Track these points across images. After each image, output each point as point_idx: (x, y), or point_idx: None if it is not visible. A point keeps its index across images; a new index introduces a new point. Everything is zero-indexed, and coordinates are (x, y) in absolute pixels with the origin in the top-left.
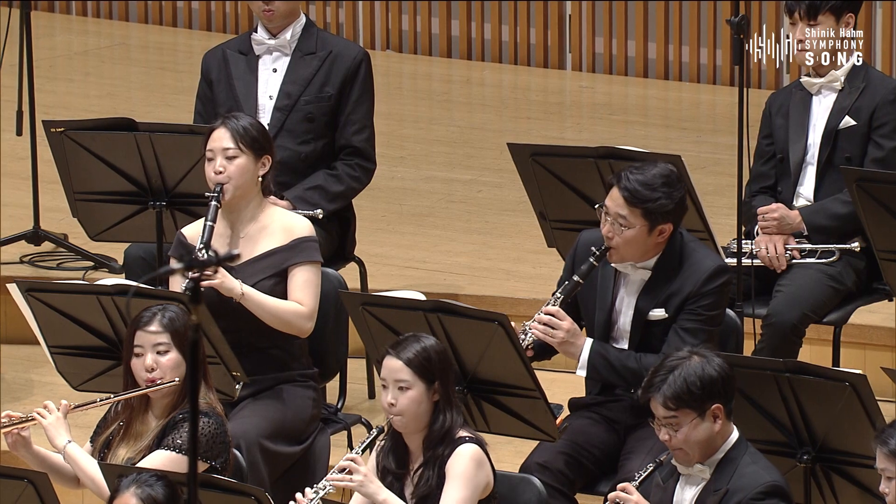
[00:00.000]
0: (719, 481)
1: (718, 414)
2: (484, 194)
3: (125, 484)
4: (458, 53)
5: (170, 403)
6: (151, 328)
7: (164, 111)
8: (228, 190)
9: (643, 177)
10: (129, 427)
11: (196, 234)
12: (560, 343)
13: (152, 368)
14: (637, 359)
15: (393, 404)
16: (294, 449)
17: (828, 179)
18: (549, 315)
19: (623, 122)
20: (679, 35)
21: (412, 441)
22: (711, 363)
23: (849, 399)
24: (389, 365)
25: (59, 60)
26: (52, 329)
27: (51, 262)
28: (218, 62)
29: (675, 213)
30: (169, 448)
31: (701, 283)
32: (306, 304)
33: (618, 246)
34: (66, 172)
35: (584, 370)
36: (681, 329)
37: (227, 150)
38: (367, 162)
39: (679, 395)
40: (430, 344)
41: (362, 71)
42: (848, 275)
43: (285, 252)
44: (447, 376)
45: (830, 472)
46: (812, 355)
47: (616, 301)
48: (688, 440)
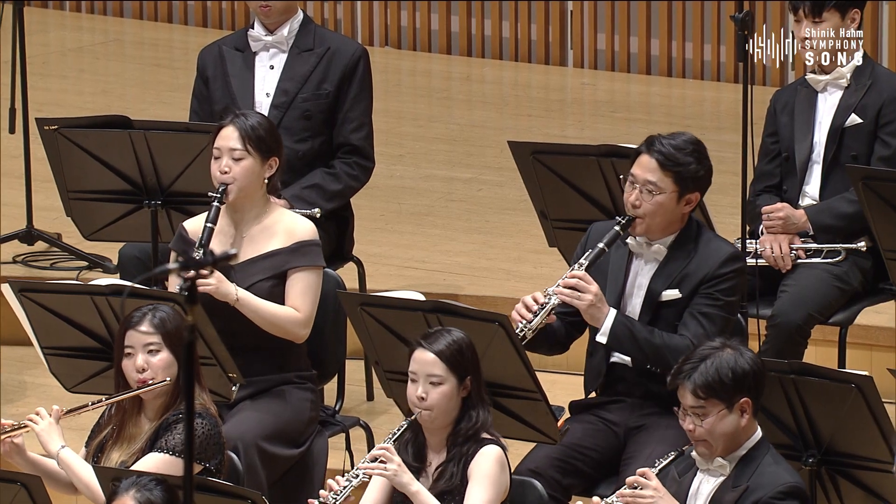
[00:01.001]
0: (739, 478)
1: (746, 409)
2: (484, 193)
3: (124, 487)
4: (457, 50)
5: (162, 405)
6: (142, 328)
7: (159, 109)
8: (232, 191)
9: (675, 142)
10: (121, 430)
11: (198, 229)
12: (588, 307)
13: (143, 369)
14: (660, 335)
15: (423, 398)
16: (292, 452)
17: (833, 178)
18: (576, 279)
19: (625, 120)
20: (682, 31)
21: (434, 436)
22: (744, 356)
23: (855, 401)
24: (421, 357)
25: (53, 57)
26: (45, 330)
27: (44, 261)
28: (214, 59)
29: (704, 181)
30: (162, 450)
31: (718, 265)
32: (302, 311)
33: (645, 214)
34: (60, 171)
35: (606, 337)
36: (698, 313)
37: (234, 150)
38: (366, 160)
39: (710, 384)
40: (460, 337)
41: (361, 68)
42: (854, 275)
43: (286, 254)
44: (478, 372)
45: (836, 475)
46: (817, 356)
47: (627, 283)
48: (713, 432)
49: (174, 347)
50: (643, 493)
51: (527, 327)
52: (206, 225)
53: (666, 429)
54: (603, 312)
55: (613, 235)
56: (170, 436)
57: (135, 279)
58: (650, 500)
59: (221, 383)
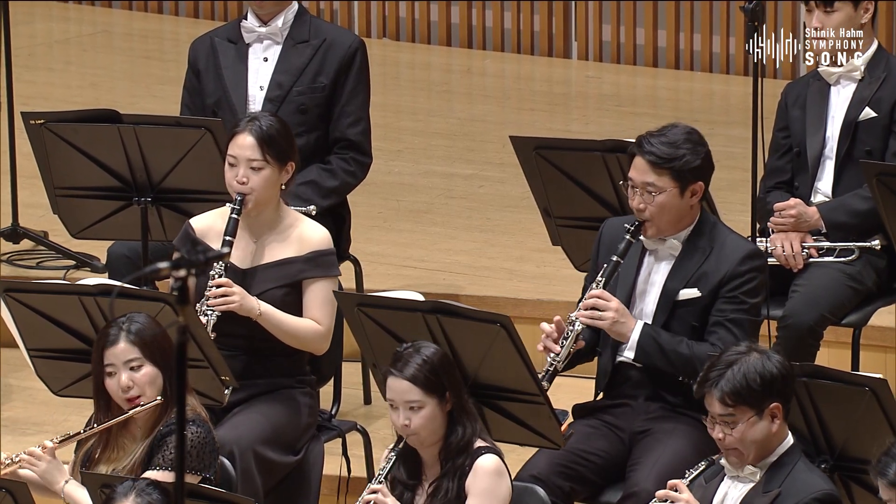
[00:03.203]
0: (770, 483)
1: (777, 414)
2: (485, 190)
3: (121, 491)
4: (458, 42)
5: (152, 417)
6: (120, 345)
7: (149, 102)
8: (251, 201)
9: (665, 138)
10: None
11: (206, 227)
12: (611, 324)
13: (129, 387)
14: (689, 345)
15: (407, 425)
16: (289, 459)
17: (847, 174)
18: (594, 298)
19: (631, 114)
20: (690, 22)
21: (426, 452)
22: (772, 360)
23: (869, 404)
24: (395, 386)
25: (39, 49)
26: (31, 331)
27: (30, 260)
28: (206, 51)
29: (704, 169)
30: (160, 467)
31: (738, 262)
32: (324, 324)
33: (652, 216)
34: (47, 167)
35: (633, 352)
36: (726, 321)
37: (253, 161)
38: (363, 156)
39: (738, 391)
40: (430, 353)
41: (357, 60)
42: (868, 274)
43: (301, 264)
44: (456, 382)
45: (850, 481)
46: (830, 359)
47: (639, 281)
48: (743, 439)
49: (156, 359)
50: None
51: (556, 360)
52: (226, 238)
53: (672, 433)
54: (628, 327)
55: (626, 245)
56: (165, 450)
57: (124, 279)
58: None
59: (213, 387)
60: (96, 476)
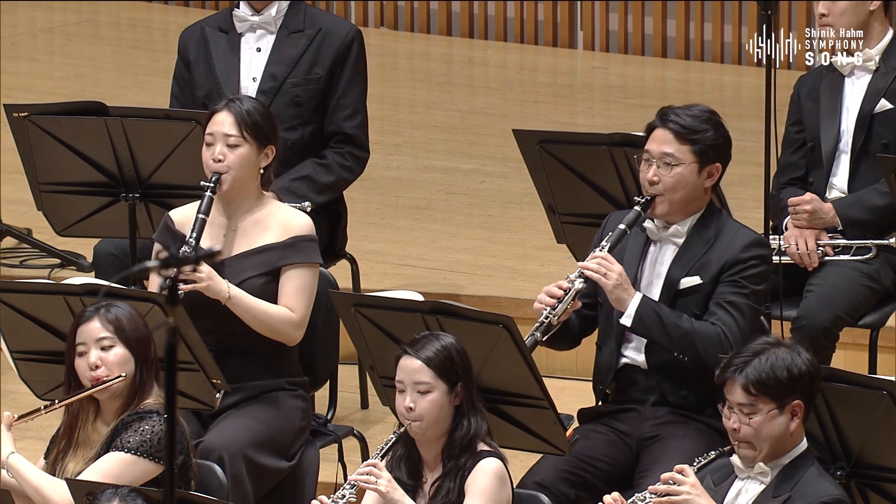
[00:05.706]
0: (781, 487)
1: (797, 412)
2: (487, 185)
3: (105, 499)
4: (458, 31)
5: (120, 407)
6: (94, 324)
7: (137, 94)
8: (226, 180)
9: (690, 112)
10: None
11: (185, 220)
12: (614, 286)
13: (97, 366)
14: (689, 321)
15: (411, 408)
16: (282, 464)
17: (863, 168)
18: (599, 258)
19: (639, 107)
20: (701, 11)
21: (428, 450)
22: (801, 356)
23: (886, 409)
24: (407, 365)
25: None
26: (14, 333)
27: (13, 259)
28: (196, 41)
29: (724, 150)
30: (119, 449)
31: (741, 249)
32: (297, 312)
33: (665, 189)
34: (30, 161)
35: (631, 320)
36: (724, 302)
37: (229, 136)
38: (360, 150)
39: (763, 380)
40: (450, 342)
41: (354, 50)
42: (886, 273)
43: (280, 250)
44: (470, 378)
45: (866, 489)
46: (846, 361)
47: (645, 271)
48: (759, 433)
49: (130, 344)
50: (679, 489)
51: (552, 314)
52: (199, 216)
53: (682, 439)
54: (629, 293)
55: (635, 215)
56: (127, 434)
57: (111, 278)
58: (686, 497)
59: (204, 390)
60: (82, 483)
